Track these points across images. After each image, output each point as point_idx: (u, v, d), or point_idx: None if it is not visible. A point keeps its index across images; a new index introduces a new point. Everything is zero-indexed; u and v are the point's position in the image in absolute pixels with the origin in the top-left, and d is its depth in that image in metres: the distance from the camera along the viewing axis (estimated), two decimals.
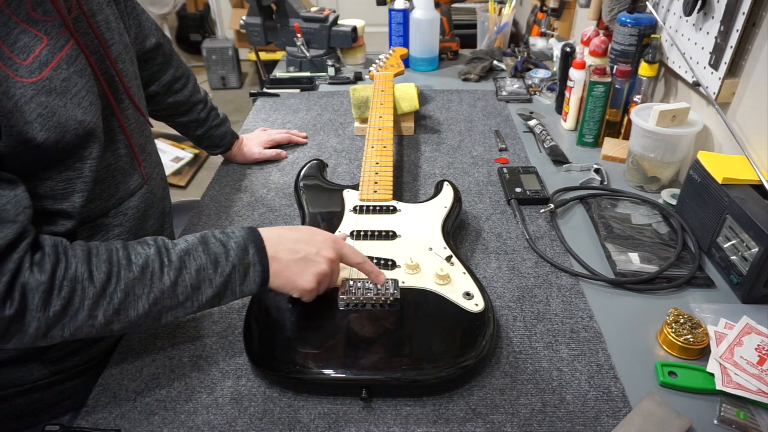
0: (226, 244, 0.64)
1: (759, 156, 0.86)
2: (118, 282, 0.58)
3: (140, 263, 0.59)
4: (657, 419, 0.61)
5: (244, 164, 1.17)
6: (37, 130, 0.58)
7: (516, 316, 0.77)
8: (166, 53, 0.98)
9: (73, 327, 0.57)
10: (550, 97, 1.43)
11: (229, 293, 0.64)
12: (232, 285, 0.63)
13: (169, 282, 0.60)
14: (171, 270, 0.60)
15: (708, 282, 0.82)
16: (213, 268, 0.62)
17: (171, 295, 0.60)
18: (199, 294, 0.62)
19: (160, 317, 0.61)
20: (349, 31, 1.59)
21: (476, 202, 1.02)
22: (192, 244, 0.63)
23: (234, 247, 0.64)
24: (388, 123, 1.09)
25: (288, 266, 0.66)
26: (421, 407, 0.64)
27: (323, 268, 0.67)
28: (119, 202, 0.75)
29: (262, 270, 0.65)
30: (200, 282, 0.62)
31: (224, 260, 0.63)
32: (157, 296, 0.59)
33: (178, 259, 0.61)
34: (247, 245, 0.64)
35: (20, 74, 0.57)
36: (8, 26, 0.57)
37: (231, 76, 3.86)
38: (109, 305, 0.57)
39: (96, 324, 0.57)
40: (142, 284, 0.59)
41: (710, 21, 0.96)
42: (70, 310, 0.56)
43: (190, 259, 0.62)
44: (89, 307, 0.56)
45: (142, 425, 0.63)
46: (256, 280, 0.65)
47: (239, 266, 0.63)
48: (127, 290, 0.58)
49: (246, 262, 0.64)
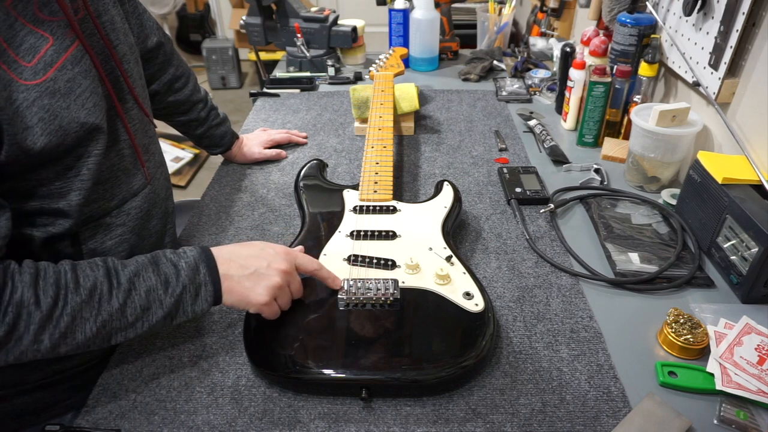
0: (176, 264, 0.64)
1: (759, 156, 0.86)
2: (65, 306, 0.57)
3: (88, 286, 0.59)
4: (657, 419, 0.61)
5: (244, 164, 1.17)
6: (37, 135, 0.58)
7: (516, 316, 0.77)
8: (167, 52, 0.99)
9: (17, 352, 0.56)
10: (550, 97, 1.43)
11: (181, 313, 0.63)
12: (184, 305, 0.63)
13: (118, 304, 0.59)
14: (120, 292, 0.60)
15: (708, 282, 0.82)
16: (163, 289, 0.62)
17: (120, 317, 0.60)
18: (149, 315, 0.61)
19: (110, 338, 0.61)
20: (349, 31, 1.59)
21: (476, 202, 1.02)
22: (142, 265, 0.62)
23: (185, 267, 0.63)
24: (388, 123, 1.09)
25: (240, 282, 0.66)
26: (421, 407, 0.64)
27: (275, 280, 0.66)
28: (122, 202, 0.75)
29: (213, 289, 0.64)
30: (150, 303, 0.61)
31: (174, 281, 0.62)
32: (106, 319, 0.59)
33: (127, 281, 0.61)
34: (198, 265, 0.64)
35: (24, 77, 0.57)
36: (14, 28, 0.57)
37: (231, 76, 3.86)
38: (56, 329, 0.57)
39: (41, 348, 0.57)
40: (90, 307, 0.58)
41: (710, 21, 0.96)
42: (14, 335, 0.55)
43: (140, 280, 0.61)
44: (35, 332, 0.56)
45: (142, 425, 0.63)
46: (208, 300, 0.64)
47: (190, 286, 0.63)
48: (74, 314, 0.57)
49: (197, 282, 0.64)
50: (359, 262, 0.77)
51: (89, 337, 0.59)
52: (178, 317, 0.64)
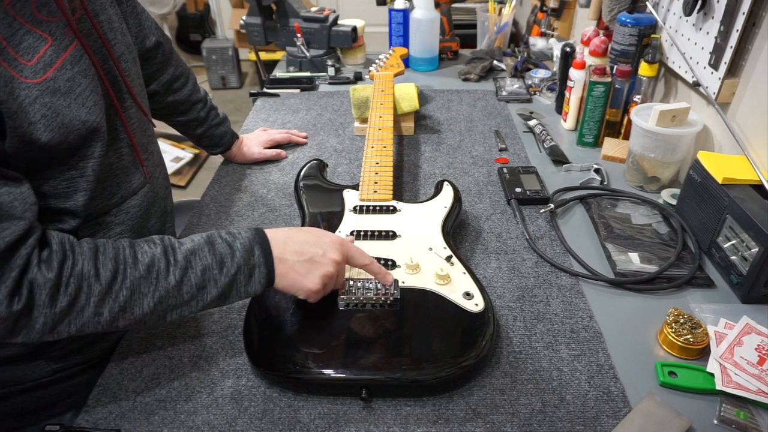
0: (231, 244, 0.64)
1: (759, 156, 0.86)
2: (124, 280, 0.58)
3: (146, 262, 0.60)
4: (657, 419, 0.61)
5: (244, 164, 1.17)
6: (41, 130, 0.58)
7: (516, 316, 0.77)
8: (166, 52, 0.99)
9: (80, 323, 0.57)
10: (550, 97, 1.43)
11: (234, 293, 0.64)
12: (237, 285, 0.64)
13: (175, 281, 0.60)
14: (177, 269, 0.61)
15: (708, 282, 0.82)
16: (218, 269, 0.63)
17: (176, 294, 0.61)
18: (204, 294, 0.62)
19: (165, 315, 0.62)
20: (349, 31, 1.59)
21: (476, 202, 1.02)
22: (198, 244, 0.63)
23: (240, 248, 0.64)
24: (388, 123, 1.09)
25: (294, 267, 0.66)
26: (421, 407, 0.64)
27: (329, 270, 0.67)
28: (121, 200, 0.75)
29: (267, 271, 0.65)
30: (205, 282, 0.62)
31: (230, 261, 0.63)
32: (162, 295, 0.60)
33: (183, 259, 0.62)
34: (253, 246, 0.65)
35: (25, 75, 0.57)
36: (13, 27, 0.57)
37: (231, 76, 3.86)
38: (115, 303, 0.58)
39: (102, 320, 0.58)
40: (148, 283, 0.59)
41: (710, 21, 0.96)
42: (76, 306, 0.56)
43: (196, 258, 0.62)
44: (95, 304, 0.57)
45: (142, 425, 0.63)
46: (261, 281, 0.65)
47: (244, 267, 0.64)
48: (132, 288, 0.59)
49: (251, 263, 0.64)
50: None
51: (146, 312, 0.60)
52: (232, 297, 0.64)
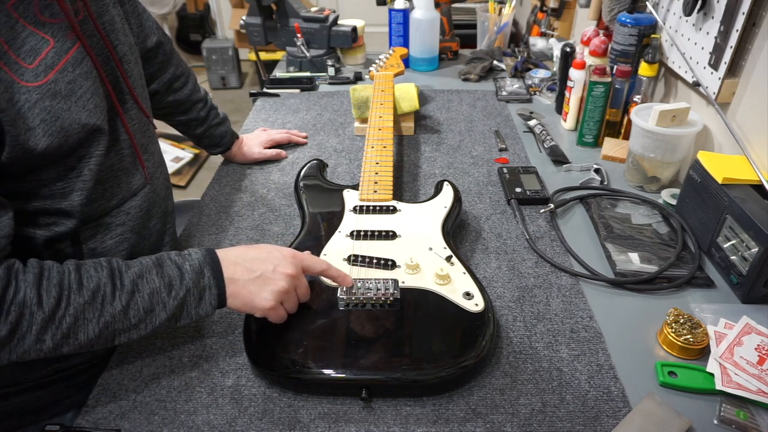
0: (181, 266, 0.63)
1: (759, 156, 0.86)
2: (67, 307, 0.57)
3: (92, 287, 0.59)
4: (657, 419, 0.61)
5: (244, 164, 1.17)
6: (39, 135, 0.58)
7: (516, 316, 0.77)
8: (167, 52, 0.99)
9: (20, 351, 0.56)
10: (550, 97, 1.43)
11: (185, 315, 0.63)
12: (188, 308, 0.63)
13: (121, 306, 0.59)
14: (123, 294, 0.60)
15: (708, 282, 0.82)
16: (167, 292, 0.62)
17: (122, 319, 0.60)
18: (152, 317, 0.61)
19: (113, 339, 0.61)
20: (349, 31, 1.59)
21: (476, 202, 1.02)
22: (146, 267, 0.62)
23: (189, 270, 0.63)
24: (388, 123, 1.09)
25: (245, 286, 0.65)
26: (421, 407, 0.64)
27: (282, 285, 0.66)
28: (122, 201, 0.75)
29: (218, 293, 0.64)
30: (153, 305, 0.61)
31: (179, 283, 0.62)
32: (108, 320, 0.59)
33: (130, 283, 0.61)
34: (203, 268, 0.64)
35: (25, 78, 0.57)
36: (15, 30, 0.57)
37: (231, 76, 3.86)
38: (58, 330, 0.57)
39: (44, 348, 0.57)
40: (93, 308, 0.58)
41: (710, 21, 0.96)
42: (17, 334, 0.55)
43: (143, 282, 0.61)
44: (37, 332, 0.56)
45: (142, 425, 0.63)
46: (212, 303, 0.64)
47: (194, 289, 0.63)
48: (76, 315, 0.57)
49: (201, 285, 0.63)
50: (359, 262, 0.77)
51: (92, 338, 0.59)
52: (182, 320, 0.63)
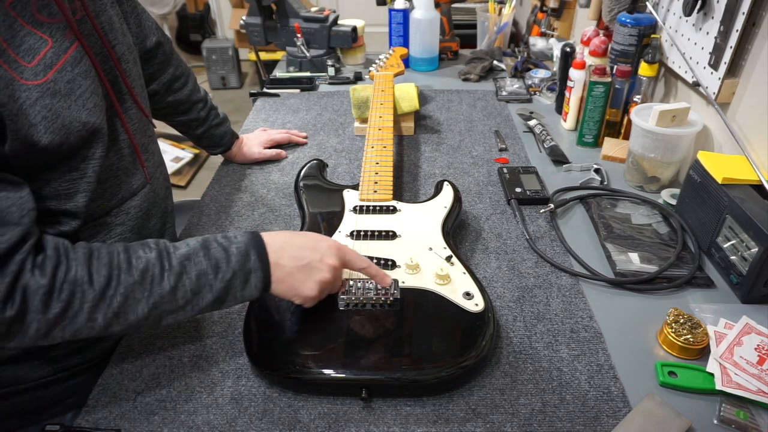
0: (227, 249, 0.64)
1: (759, 156, 0.87)
2: (117, 286, 0.58)
3: (141, 267, 0.59)
4: (657, 419, 0.61)
5: (244, 164, 1.17)
6: (41, 132, 0.58)
7: (516, 316, 0.77)
8: (167, 52, 0.99)
9: (73, 329, 0.57)
10: (550, 97, 1.43)
11: (231, 298, 0.64)
12: (233, 290, 0.64)
13: (169, 287, 0.60)
14: (171, 275, 0.60)
15: (708, 282, 0.82)
16: (213, 274, 0.62)
17: (171, 300, 0.60)
18: (199, 298, 0.62)
19: (160, 320, 0.61)
20: (349, 31, 1.59)
21: (476, 202, 1.02)
22: (193, 249, 0.63)
23: (235, 253, 0.64)
24: (388, 123, 1.09)
25: (291, 273, 0.66)
26: (421, 407, 0.64)
27: (326, 276, 0.67)
28: (122, 201, 0.75)
29: (263, 276, 0.65)
30: (200, 287, 0.62)
31: (225, 266, 0.63)
32: (157, 300, 0.60)
33: (178, 264, 0.61)
34: (249, 251, 0.64)
35: (25, 77, 0.57)
36: (14, 29, 0.57)
37: (231, 76, 3.86)
38: (109, 308, 0.58)
39: (95, 326, 0.58)
40: (142, 288, 0.59)
41: (710, 21, 0.96)
42: (69, 312, 0.56)
43: (191, 263, 0.62)
44: (89, 310, 0.57)
45: (142, 425, 0.63)
46: (257, 286, 0.65)
47: (240, 272, 0.63)
48: (126, 294, 0.58)
49: (247, 268, 0.64)
50: None
51: (141, 317, 0.60)
52: (228, 302, 0.64)
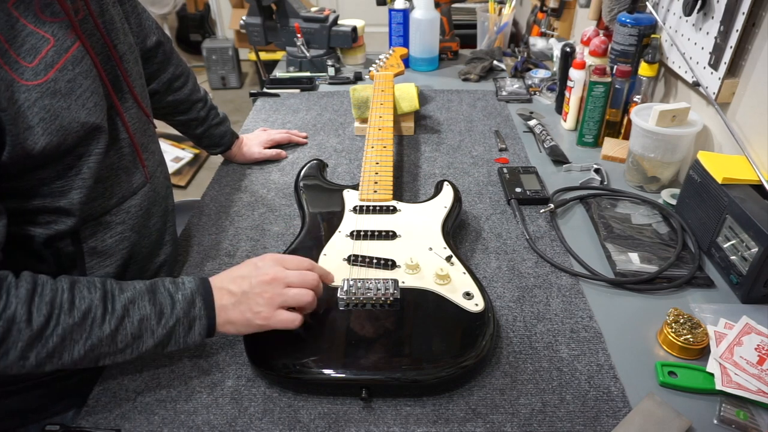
0: (173, 295, 0.63)
1: (759, 156, 0.87)
2: (56, 326, 0.57)
3: (83, 308, 0.58)
4: (657, 419, 0.61)
5: (244, 164, 1.17)
6: (38, 134, 0.58)
7: (516, 316, 0.77)
8: (167, 51, 0.99)
9: (2, 365, 0.56)
10: (550, 97, 1.43)
11: (173, 343, 0.63)
12: (176, 337, 0.63)
13: (109, 330, 0.59)
14: (113, 318, 0.59)
15: (708, 282, 0.82)
16: (157, 320, 0.62)
17: (109, 343, 0.60)
18: (139, 343, 0.61)
19: (97, 361, 0.60)
20: (349, 31, 1.59)
21: (476, 202, 1.02)
22: (139, 293, 0.62)
23: (181, 300, 0.63)
24: (388, 123, 1.09)
25: (234, 309, 0.65)
26: (421, 407, 0.64)
27: (266, 294, 0.65)
28: (122, 200, 0.75)
29: (207, 324, 0.64)
30: (142, 332, 0.61)
31: (170, 312, 0.62)
32: (95, 343, 0.59)
33: (121, 308, 0.60)
34: (195, 298, 0.64)
35: (26, 77, 0.57)
36: (16, 29, 0.57)
37: (231, 76, 3.86)
38: (43, 348, 0.56)
39: (26, 365, 0.57)
40: (81, 330, 0.58)
41: (710, 21, 0.96)
42: (1, 349, 0.55)
43: (134, 308, 0.61)
44: (22, 349, 0.55)
45: (142, 425, 0.63)
46: (201, 333, 0.64)
47: (184, 319, 0.63)
48: (64, 335, 0.57)
49: (192, 316, 0.63)
50: (359, 262, 0.77)
51: (76, 358, 0.58)
52: (170, 347, 0.63)
